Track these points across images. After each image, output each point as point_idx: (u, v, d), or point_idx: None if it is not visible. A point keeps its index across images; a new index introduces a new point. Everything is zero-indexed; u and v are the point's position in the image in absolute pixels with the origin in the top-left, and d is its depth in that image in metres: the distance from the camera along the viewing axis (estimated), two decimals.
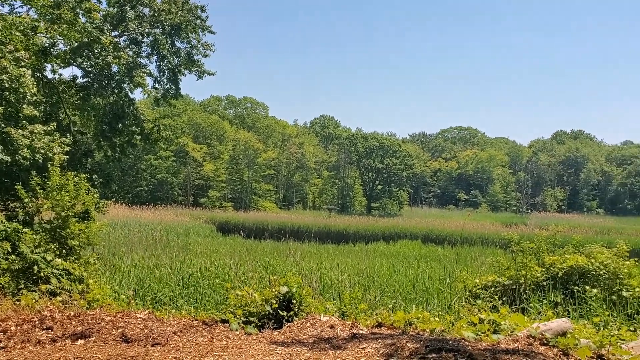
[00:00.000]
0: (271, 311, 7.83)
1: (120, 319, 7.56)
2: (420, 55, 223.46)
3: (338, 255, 26.93)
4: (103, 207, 20.44)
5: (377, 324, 7.65)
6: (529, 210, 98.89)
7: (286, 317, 7.85)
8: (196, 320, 7.87)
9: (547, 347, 6.03)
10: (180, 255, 21.92)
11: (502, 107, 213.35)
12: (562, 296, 12.34)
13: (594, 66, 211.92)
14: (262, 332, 7.38)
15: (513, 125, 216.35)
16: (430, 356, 5.47)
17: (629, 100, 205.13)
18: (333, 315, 8.43)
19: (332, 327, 7.40)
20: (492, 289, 12.83)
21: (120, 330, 7.09)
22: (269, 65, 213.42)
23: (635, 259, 14.23)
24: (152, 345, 6.54)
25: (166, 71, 25.46)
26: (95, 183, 20.46)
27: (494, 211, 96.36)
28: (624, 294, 12.44)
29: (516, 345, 5.92)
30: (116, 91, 22.79)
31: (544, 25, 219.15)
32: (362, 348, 6.16)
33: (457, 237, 42.53)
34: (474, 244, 38.33)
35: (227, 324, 7.62)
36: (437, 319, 7.90)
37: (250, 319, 7.74)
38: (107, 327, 7.19)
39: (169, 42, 24.91)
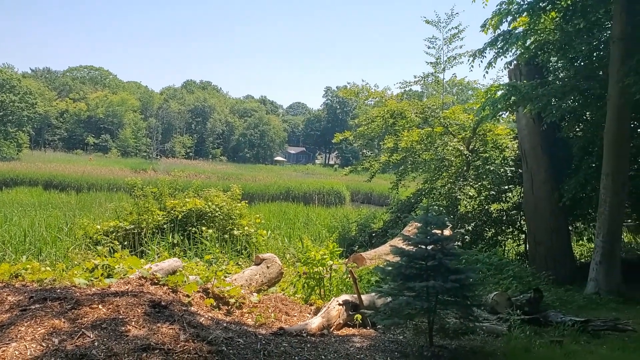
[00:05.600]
0: None
1: None
2: None
3: None
4: None
5: None
6: (159, 156, 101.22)
7: None
8: None
9: (158, 286, 6.34)
10: None
11: (137, 50, 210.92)
12: (181, 237, 13.16)
13: (228, 23, 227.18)
14: None
15: (146, 70, 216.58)
16: (34, 307, 5.16)
17: (250, 58, 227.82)
18: None
19: None
20: (114, 234, 12.82)
21: None
22: None
23: (246, 201, 16.15)
24: None
25: None
26: None
27: (124, 157, 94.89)
28: (235, 232, 14.04)
29: (127, 287, 6.05)
30: None
31: None
32: None
33: (83, 183, 40.77)
34: (100, 190, 37.39)
35: None
36: (49, 268, 7.51)
37: None
38: None
39: None
